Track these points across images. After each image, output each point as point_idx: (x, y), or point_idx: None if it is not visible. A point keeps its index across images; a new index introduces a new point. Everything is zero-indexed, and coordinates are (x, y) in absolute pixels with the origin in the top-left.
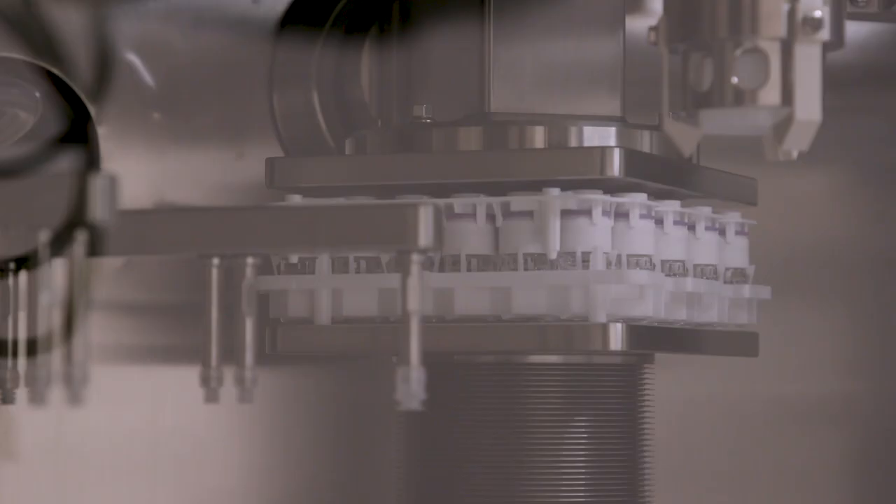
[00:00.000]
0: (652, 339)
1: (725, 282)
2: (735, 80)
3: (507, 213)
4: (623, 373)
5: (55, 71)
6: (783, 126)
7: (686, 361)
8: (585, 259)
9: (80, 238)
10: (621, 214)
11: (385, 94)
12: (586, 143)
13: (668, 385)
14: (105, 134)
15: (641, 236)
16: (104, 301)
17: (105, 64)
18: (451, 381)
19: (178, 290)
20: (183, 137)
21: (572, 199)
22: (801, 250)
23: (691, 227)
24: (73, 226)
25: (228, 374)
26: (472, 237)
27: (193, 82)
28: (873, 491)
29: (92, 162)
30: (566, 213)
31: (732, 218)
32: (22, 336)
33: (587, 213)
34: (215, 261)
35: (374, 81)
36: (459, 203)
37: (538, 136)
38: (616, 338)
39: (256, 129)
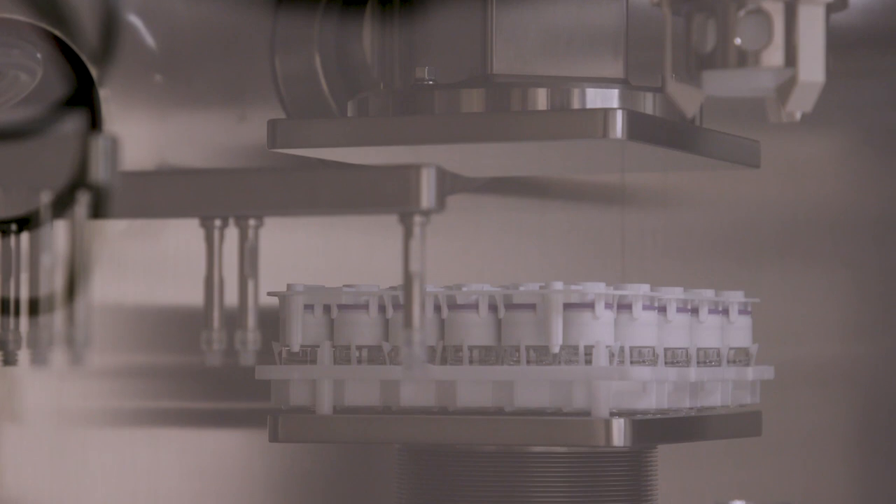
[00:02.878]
0: (655, 431)
1: (728, 361)
2: (738, 41)
3: (510, 305)
4: (628, 460)
5: (58, 33)
6: (786, 87)
7: None
8: (588, 353)
9: (82, 200)
10: (624, 306)
11: (387, 57)
12: (589, 106)
13: None
14: (107, 96)
15: (644, 328)
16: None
17: (110, 27)
18: (453, 468)
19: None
20: (185, 100)
21: (575, 293)
22: (803, 213)
23: (694, 311)
24: (74, 187)
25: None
26: (475, 328)
27: (195, 45)
28: (879, 451)
29: (94, 124)
30: (569, 306)
31: (735, 298)
32: (24, 297)
33: (590, 306)
34: (217, 222)
35: (377, 44)
36: (462, 294)
37: (541, 99)
38: (619, 434)
39: (258, 92)
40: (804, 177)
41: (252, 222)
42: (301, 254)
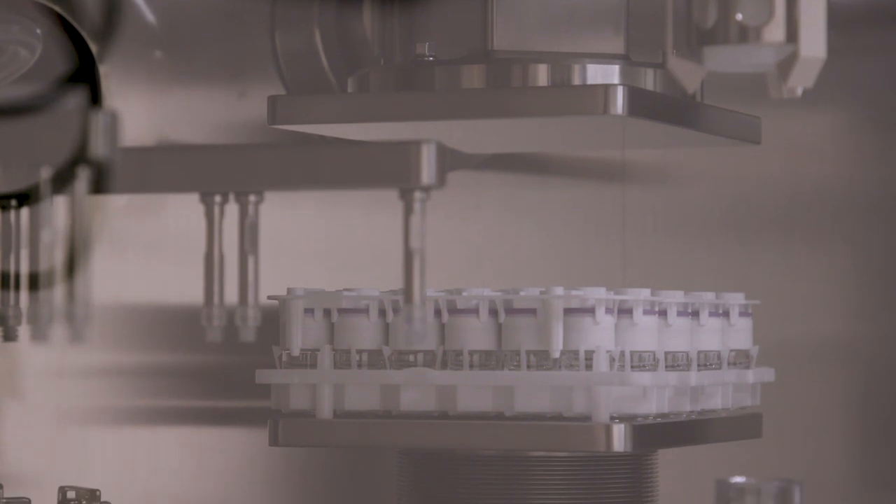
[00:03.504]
0: (655, 436)
1: (729, 364)
2: (739, 16)
3: (510, 310)
4: (628, 464)
5: (58, 9)
6: (787, 63)
7: None
8: (588, 358)
9: (82, 175)
10: (625, 311)
11: (387, 33)
12: (589, 82)
13: None
14: (107, 72)
15: (645, 333)
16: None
17: (111, 3)
18: (454, 473)
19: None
20: (185, 76)
21: (575, 298)
22: (804, 190)
23: (695, 314)
24: (74, 163)
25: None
26: (475, 333)
27: (196, 21)
28: (881, 428)
29: (94, 99)
30: (569, 311)
31: (736, 300)
32: (24, 273)
33: (590, 311)
34: (217, 198)
35: (377, 20)
36: (462, 299)
37: (541, 75)
38: (619, 439)
39: (258, 68)
40: (805, 154)
41: (252, 198)
42: (301, 231)
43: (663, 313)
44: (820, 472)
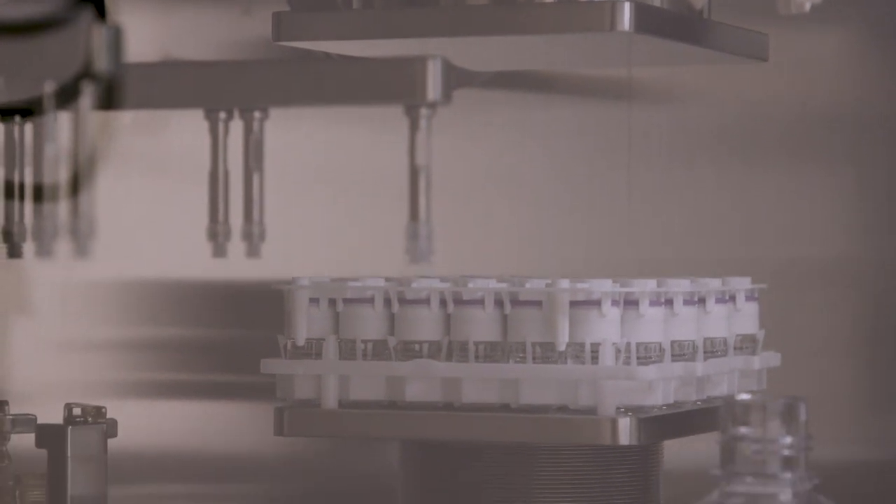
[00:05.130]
0: (661, 428)
1: (735, 348)
2: None
3: (516, 301)
4: (634, 454)
5: None
6: None
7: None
8: (594, 351)
9: (87, 90)
10: (631, 301)
11: None
12: None
13: None
14: None
15: (651, 325)
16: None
17: None
18: (461, 463)
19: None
20: None
21: (581, 291)
22: (810, 110)
23: (701, 301)
24: (79, 78)
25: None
26: (480, 324)
27: None
28: (886, 349)
29: (99, 15)
30: (575, 304)
31: (742, 285)
32: (28, 188)
33: (596, 303)
34: (222, 115)
35: None
36: (468, 290)
37: None
38: (625, 432)
39: None
40: (812, 72)
41: (257, 115)
42: (304, 151)
43: (669, 302)
44: (826, 391)
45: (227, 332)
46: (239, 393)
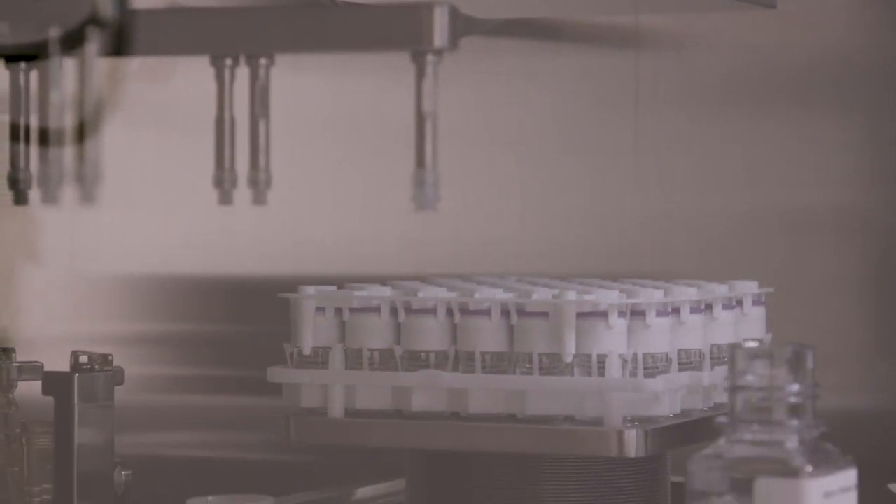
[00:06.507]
0: (668, 439)
1: None
2: None
3: (522, 312)
4: (641, 464)
5: None
6: None
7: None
8: (601, 362)
9: (92, 36)
10: (638, 312)
11: None
12: None
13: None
14: None
15: (658, 335)
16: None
17: None
18: (468, 472)
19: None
20: None
21: (588, 303)
22: (819, 57)
23: (708, 307)
24: (84, 24)
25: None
26: (487, 334)
27: None
28: (895, 298)
29: None
30: (581, 315)
31: (749, 289)
32: (34, 134)
33: (603, 315)
34: (228, 61)
35: None
36: (474, 301)
37: None
38: (632, 444)
39: None
40: (821, 18)
41: (263, 61)
42: (311, 98)
43: (676, 310)
44: (833, 339)
45: (238, 281)
46: (245, 345)
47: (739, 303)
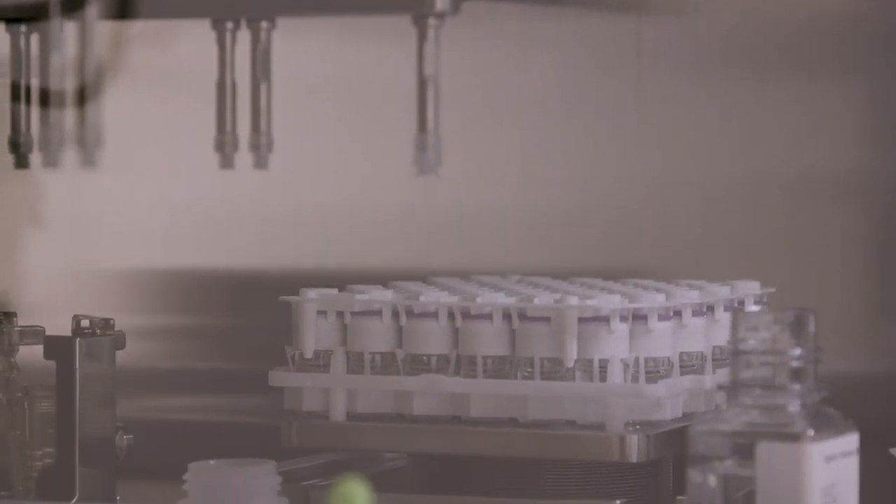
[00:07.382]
0: (670, 443)
1: None
2: None
3: (524, 317)
4: (643, 468)
5: None
6: None
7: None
8: (603, 367)
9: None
10: (639, 317)
11: None
12: None
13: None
14: None
15: (660, 339)
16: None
17: None
18: (470, 475)
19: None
20: None
21: (589, 308)
22: (820, 20)
23: (709, 309)
24: None
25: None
26: (489, 339)
27: None
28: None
29: None
30: (583, 320)
31: (751, 290)
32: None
33: (605, 320)
34: (229, 25)
35: None
36: (476, 305)
37: None
38: (633, 449)
39: None
40: None
41: (264, 25)
42: (313, 63)
43: (678, 313)
44: (836, 303)
45: (241, 245)
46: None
47: (742, 304)
